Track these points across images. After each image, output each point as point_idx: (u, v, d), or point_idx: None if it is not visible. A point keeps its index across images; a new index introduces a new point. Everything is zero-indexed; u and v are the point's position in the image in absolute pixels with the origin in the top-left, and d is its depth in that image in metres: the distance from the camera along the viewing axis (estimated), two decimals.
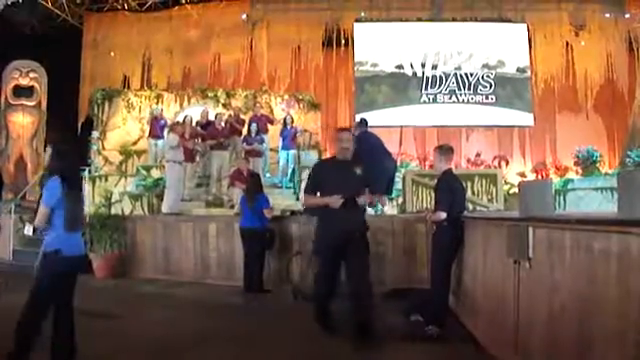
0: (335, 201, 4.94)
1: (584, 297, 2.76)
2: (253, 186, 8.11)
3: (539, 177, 15.31)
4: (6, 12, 15.23)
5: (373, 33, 16.19)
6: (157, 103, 14.40)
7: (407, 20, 16.30)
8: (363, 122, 8.34)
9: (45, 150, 14.18)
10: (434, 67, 16.04)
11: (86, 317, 4.55)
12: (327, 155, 15.48)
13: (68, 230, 3.93)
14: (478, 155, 15.42)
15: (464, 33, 16.22)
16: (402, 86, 15.91)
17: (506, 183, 12.73)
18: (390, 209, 10.66)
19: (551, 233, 3.19)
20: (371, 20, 16.27)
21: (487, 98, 15.86)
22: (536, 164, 15.89)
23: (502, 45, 16.06)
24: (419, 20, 16.33)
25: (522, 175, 15.30)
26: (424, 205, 8.98)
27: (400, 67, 16.04)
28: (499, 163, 15.26)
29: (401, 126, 14.85)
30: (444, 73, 15.99)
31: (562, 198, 11.83)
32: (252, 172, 9.25)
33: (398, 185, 10.51)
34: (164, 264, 9.46)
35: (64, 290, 3.98)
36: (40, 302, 3.88)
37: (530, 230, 3.44)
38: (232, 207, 10.44)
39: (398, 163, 12.98)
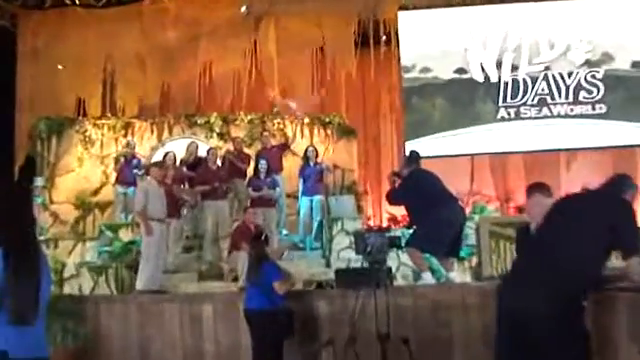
0: None
1: None
2: (256, 251, 8.34)
3: None
4: None
5: (424, 24, 16.49)
6: (126, 135, 14.78)
7: (472, 4, 16.52)
8: (413, 157, 8.89)
9: None
10: (514, 68, 16.16)
11: None
12: (369, 200, 15.84)
13: (15, 323, 3.96)
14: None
15: (556, 17, 16.37)
16: (467, 98, 16.04)
17: None
18: (460, 275, 10.51)
19: None
20: (421, 7, 16.55)
21: (594, 108, 15.99)
22: None
23: (612, 30, 16.17)
24: (490, 2, 16.53)
25: None
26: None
27: (463, 71, 16.21)
28: None
29: (471, 155, 14.82)
30: (529, 76, 16.12)
31: None
32: (256, 231, 9.53)
33: (470, 239, 10.72)
34: None
35: None
36: None
37: None
38: (236, 279, 10.74)
39: (469, 209, 13.24)
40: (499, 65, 16.18)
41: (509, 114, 16.04)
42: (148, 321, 9.55)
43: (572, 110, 15.97)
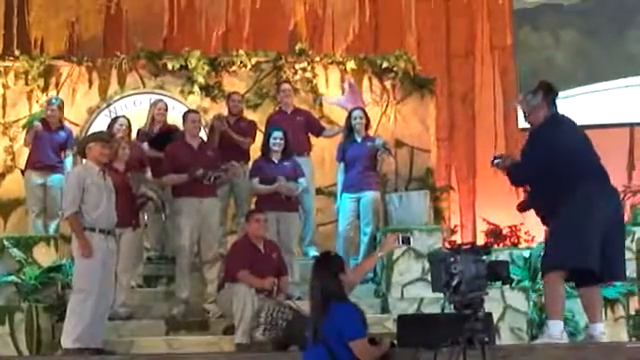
0: None
1: None
2: (325, 282, 7.11)
3: None
4: None
5: None
6: (46, 89, 14.00)
7: None
8: (549, 91, 7.64)
9: None
10: None
11: None
12: (454, 199, 15.28)
13: None
14: None
15: None
16: (616, 26, 15.07)
17: None
18: (610, 329, 10.02)
19: None
20: None
21: None
22: None
23: None
24: None
25: None
26: None
27: None
28: None
29: (630, 124, 13.93)
30: None
31: None
32: (329, 254, 8.15)
33: (628, 269, 9.82)
34: None
35: None
36: None
37: None
38: (230, 331, 9.99)
39: (626, 207, 12.71)
40: None
41: None
42: None
43: None
